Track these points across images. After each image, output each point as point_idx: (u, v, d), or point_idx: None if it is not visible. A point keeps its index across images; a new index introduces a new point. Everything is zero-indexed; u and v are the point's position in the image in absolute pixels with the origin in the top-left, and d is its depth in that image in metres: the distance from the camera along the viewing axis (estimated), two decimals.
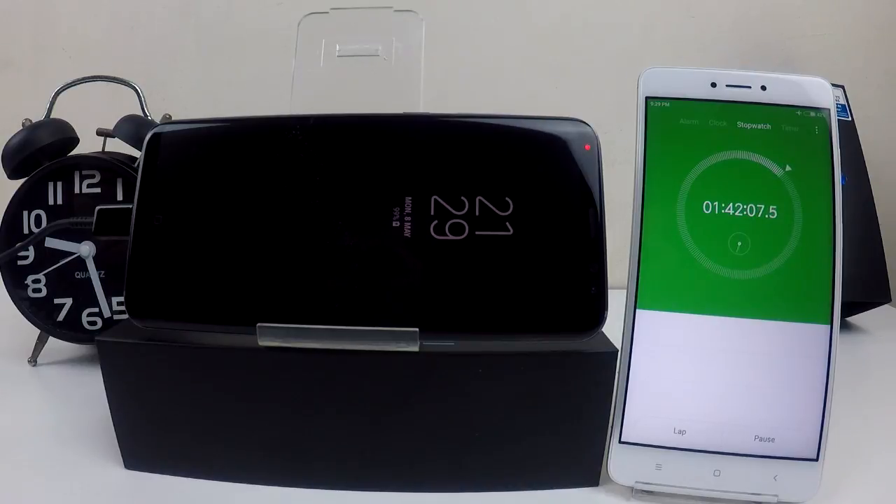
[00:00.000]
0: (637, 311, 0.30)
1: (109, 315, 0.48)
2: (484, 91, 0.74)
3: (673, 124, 0.31)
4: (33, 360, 0.48)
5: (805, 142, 0.31)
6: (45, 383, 0.46)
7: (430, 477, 0.31)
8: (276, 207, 0.31)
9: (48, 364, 0.48)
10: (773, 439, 0.30)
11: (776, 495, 0.29)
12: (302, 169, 0.32)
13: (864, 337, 0.59)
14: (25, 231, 0.47)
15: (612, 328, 0.31)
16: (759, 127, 0.31)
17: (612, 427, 0.31)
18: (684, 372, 0.30)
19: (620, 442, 0.30)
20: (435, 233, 0.30)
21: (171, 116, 0.50)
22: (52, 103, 0.51)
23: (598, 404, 0.30)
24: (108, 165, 0.47)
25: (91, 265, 0.47)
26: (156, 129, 0.33)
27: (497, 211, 0.30)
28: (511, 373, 0.30)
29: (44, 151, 0.47)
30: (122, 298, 0.32)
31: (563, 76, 0.75)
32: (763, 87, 0.31)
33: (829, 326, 0.30)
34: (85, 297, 0.47)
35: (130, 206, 0.32)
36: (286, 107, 0.37)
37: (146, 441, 0.32)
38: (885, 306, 0.61)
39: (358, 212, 0.31)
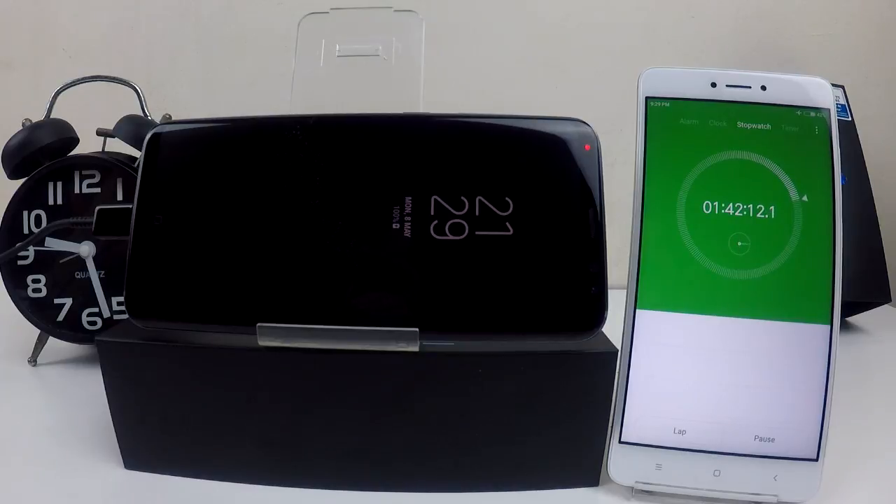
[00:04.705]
0: (637, 311, 0.30)
1: (109, 315, 0.48)
2: (484, 91, 0.74)
3: (673, 124, 0.31)
4: (33, 360, 0.48)
5: (805, 142, 0.31)
6: (45, 383, 0.46)
7: (430, 477, 0.31)
8: (276, 207, 0.31)
9: (48, 364, 0.48)
10: (773, 439, 0.30)
11: (776, 495, 0.29)
12: (302, 169, 0.32)
13: (864, 337, 0.59)
14: (25, 231, 0.47)
15: (612, 328, 0.31)
16: (759, 127, 0.31)
17: (612, 427, 0.31)
18: (684, 372, 0.30)
19: (620, 442, 0.30)
20: (435, 233, 0.30)
21: (171, 116, 0.50)
22: (52, 103, 0.51)
23: (598, 404, 0.30)
24: (108, 165, 0.47)
25: (91, 265, 0.47)
26: (156, 129, 0.33)
27: (497, 211, 0.30)
28: (511, 373, 0.30)
29: (44, 151, 0.47)
30: (122, 298, 0.32)
31: (563, 76, 0.75)
32: (763, 87, 0.31)
33: (829, 326, 0.30)
34: (85, 297, 0.47)
35: (130, 206, 0.32)
36: (286, 107, 0.37)
37: (146, 441, 0.32)
38: (885, 306, 0.61)
39: (358, 212, 0.31)
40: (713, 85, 0.31)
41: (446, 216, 0.30)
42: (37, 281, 0.47)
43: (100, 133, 0.51)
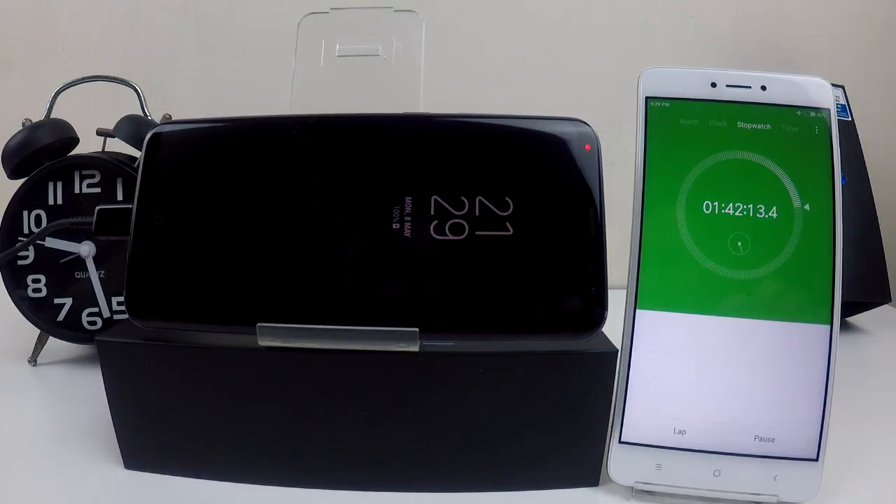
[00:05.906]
0: (637, 311, 0.30)
1: (109, 315, 0.48)
2: (484, 91, 0.74)
3: (673, 124, 0.31)
4: (33, 360, 0.48)
5: (805, 142, 0.31)
6: (45, 383, 0.46)
7: (430, 477, 0.31)
8: (276, 207, 0.31)
9: (48, 364, 0.48)
10: (773, 439, 0.30)
11: (776, 495, 0.29)
12: (302, 169, 0.32)
13: (864, 337, 0.59)
14: (25, 231, 0.47)
15: (612, 328, 0.31)
16: (759, 127, 0.31)
17: (612, 427, 0.31)
18: (684, 372, 0.30)
19: (620, 442, 0.30)
20: (435, 233, 0.30)
21: (171, 116, 0.50)
22: (52, 103, 0.51)
23: (598, 404, 0.30)
24: (108, 165, 0.47)
25: (91, 265, 0.47)
26: (156, 129, 0.33)
27: (497, 211, 0.30)
28: (511, 373, 0.30)
29: (44, 151, 0.47)
30: (122, 298, 0.32)
31: (563, 76, 0.75)
32: (763, 87, 0.31)
33: (829, 326, 0.30)
34: (85, 297, 0.47)
35: (130, 206, 0.32)
36: (286, 107, 0.37)
37: (146, 441, 0.32)
38: (885, 306, 0.61)
39: (358, 212, 0.31)
40: (713, 85, 0.31)
41: (446, 216, 0.30)
42: (37, 281, 0.47)
43: (100, 133, 0.51)
